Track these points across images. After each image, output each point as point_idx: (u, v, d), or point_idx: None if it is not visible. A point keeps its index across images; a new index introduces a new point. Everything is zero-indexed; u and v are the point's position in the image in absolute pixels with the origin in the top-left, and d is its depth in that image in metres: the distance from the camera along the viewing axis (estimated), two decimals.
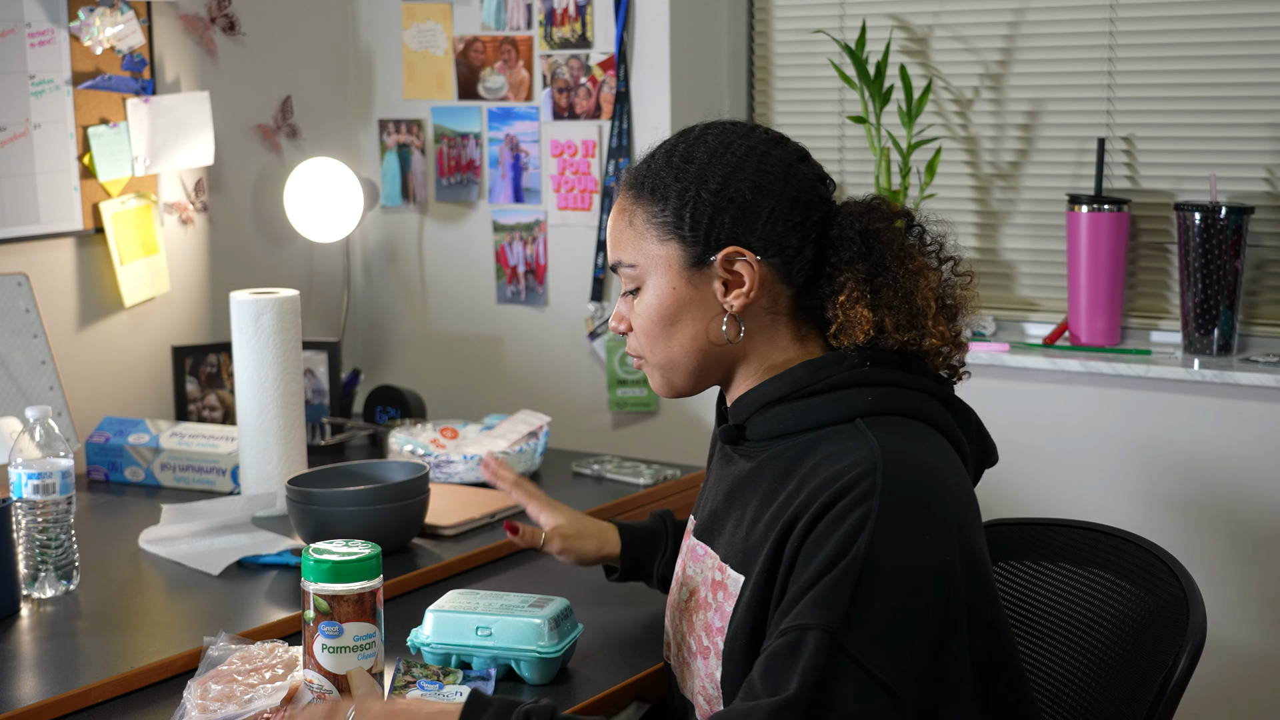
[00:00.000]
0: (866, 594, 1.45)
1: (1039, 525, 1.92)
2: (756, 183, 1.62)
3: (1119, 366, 2.74)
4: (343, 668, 1.63)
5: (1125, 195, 2.86)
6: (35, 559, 2.07)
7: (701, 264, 1.62)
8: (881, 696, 1.44)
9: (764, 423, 1.64)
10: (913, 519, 1.48)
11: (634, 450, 3.15)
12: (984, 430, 1.69)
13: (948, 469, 1.56)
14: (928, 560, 1.48)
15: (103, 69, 2.87)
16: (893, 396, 1.58)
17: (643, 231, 1.65)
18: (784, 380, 1.63)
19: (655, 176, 1.65)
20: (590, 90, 3.14)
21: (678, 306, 1.64)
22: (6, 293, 2.68)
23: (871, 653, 1.44)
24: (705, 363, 1.66)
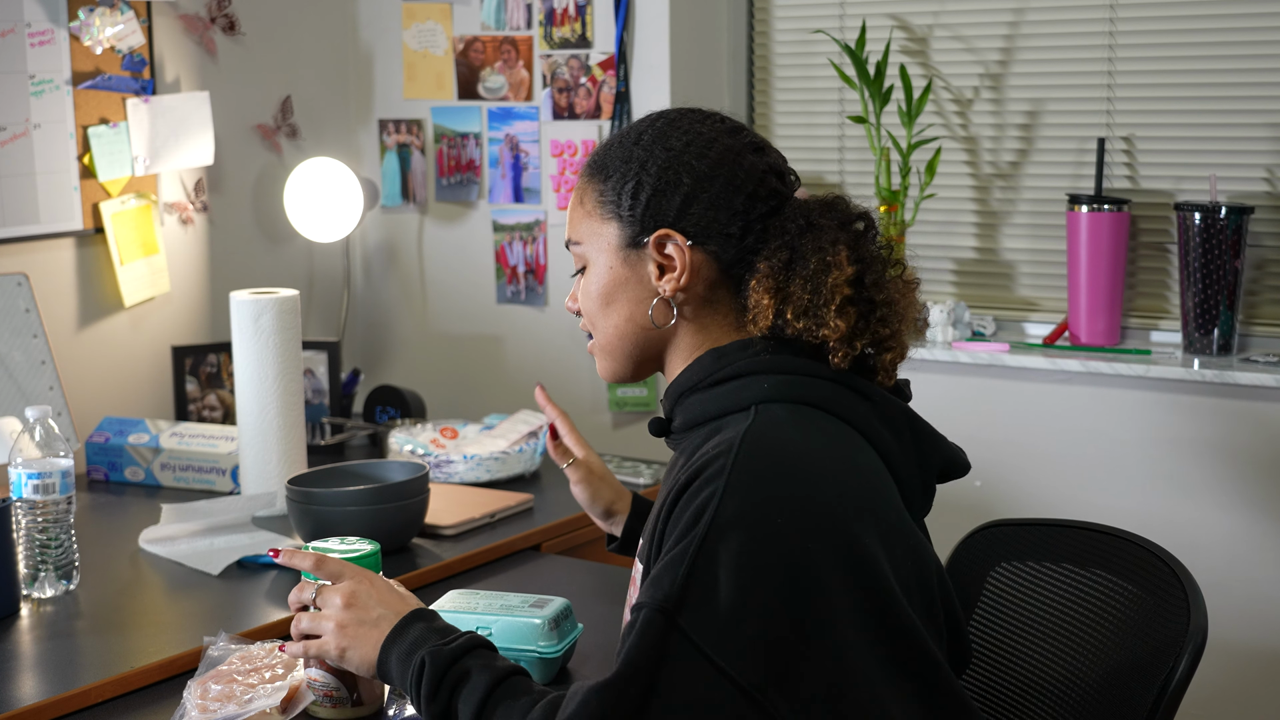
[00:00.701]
0: (704, 575, 1.40)
1: (1041, 526, 1.91)
2: (698, 169, 1.59)
3: (1119, 366, 2.74)
4: None
5: (1125, 195, 2.86)
6: (35, 559, 2.07)
7: (636, 245, 1.61)
8: (724, 687, 1.38)
9: (681, 413, 1.62)
10: (762, 501, 1.43)
11: (634, 450, 3.15)
12: (928, 434, 1.61)
13: (830, 456, 1.49)
14: (778, 546, 1.42)
15: (103, 69, 2.87)
16: (791, 384, 1.54)
17: (590, 210, 1.64)
18: (692, 369, 1.61)
19: (606, 156, 1.65)
20: (590, 90, 3.14)
21: (614, 286, 1.63)
22: (6, 293, 2.68)
23: (709, 637, 1.39)
24: (640, 346, 1.64)
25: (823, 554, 1.43)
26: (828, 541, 1.43)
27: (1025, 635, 1.85)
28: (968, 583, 1.89)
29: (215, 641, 1.80)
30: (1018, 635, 1.84)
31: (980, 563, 1.90)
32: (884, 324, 1.58)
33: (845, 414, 1.55)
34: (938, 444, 1.62)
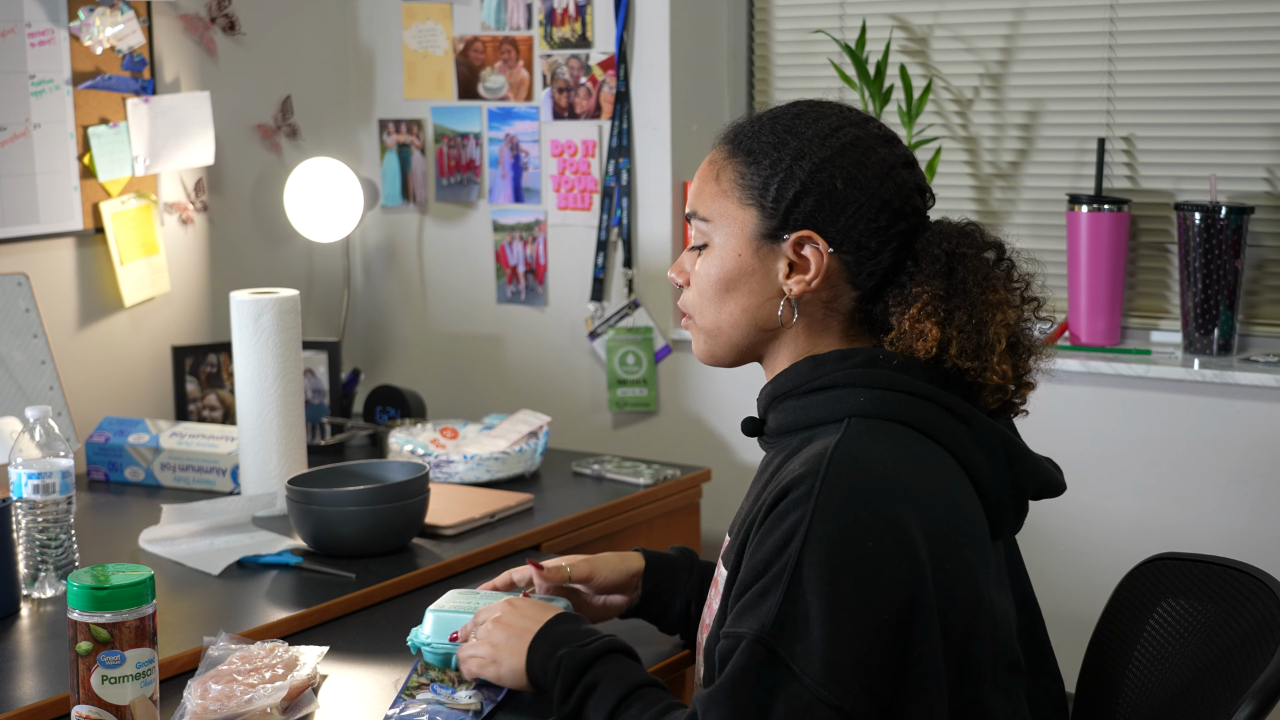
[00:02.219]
0: (797, 603, 1.41)
1: (1205, 562, 1.85)
2: (852, 175, 1.57)
3: (1119, 366, 2.74)
4: (125, 698, 1.58)
5: (1125, 195, 2.86)
6: (35, 559, 2.07)
7: (773, 238, 1.58)
8: (824, 711, 1.39)
9: (775, 417, 1.61)
10: (850, 525, 1.43)
11: (634, 450, 3.15)
12: (1023, 458, 1.60)
13: (917, 477, 1.49)
14: (868, 572, 1.42)
15: (103, 69, 2.87)
16: (888, 400, 1.53)
17: (727, 190, 1.60)
18: (789, 375, 1.60)
19: (755, 138, 1.60)
20: (590, 90, 3.14)
21: (739, 274, 1.60)
22: (6, 292, 2.68)
23: (809, 665, 1.40)
24: (749, 339, 1.62)
25: (913, 573, 1.43)
26: (921, 560, 1.44)
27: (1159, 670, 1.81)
28: (1130, 617, 1.85)
29: (215, 641, 1.80)
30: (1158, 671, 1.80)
31: (1145, 598, 1.85)
32: (1030, 364, 1.60)
33: (939, 435, 1.53)
34: (1034, 466, 1.60)
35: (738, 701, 1.41)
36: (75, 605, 1.58)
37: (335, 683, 1.89)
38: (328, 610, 2.04)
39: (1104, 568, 1.91)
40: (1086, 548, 2.79)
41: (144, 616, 1.60)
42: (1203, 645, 1.73)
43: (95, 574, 1.60)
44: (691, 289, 1.64)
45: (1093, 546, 2.78)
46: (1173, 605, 1.79)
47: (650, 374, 3.16)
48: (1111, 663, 1.84)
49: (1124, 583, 1.87)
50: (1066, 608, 2.42)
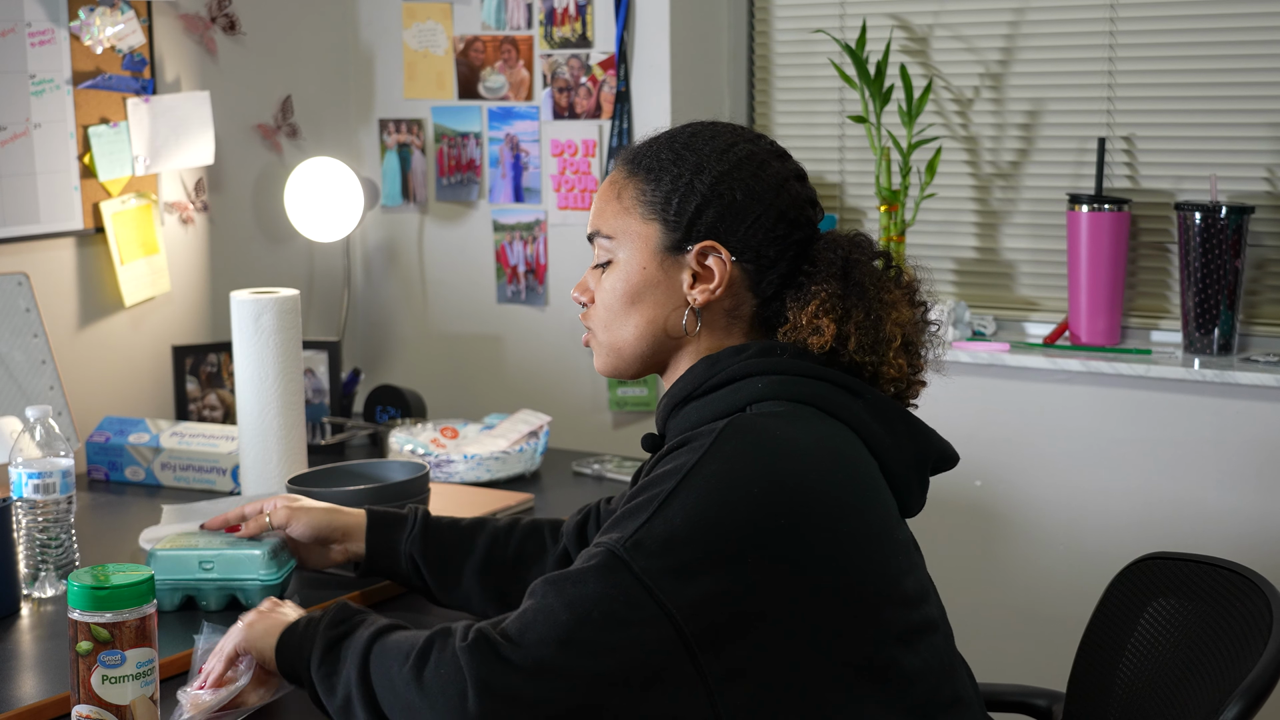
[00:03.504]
0: (664, 522, 1.44)
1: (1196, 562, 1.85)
2: (750, 187, 1.63)
3: (1119, 366, 2.74)
4: (125, 698, 1.58)
5: (1126, 195, 2.86)
6: (36, 558, 2.07)
7: (677, 250, 1.63)
8: (665, 629, 1.42)
9: (675, 424, 1.65)
10: (739, 468, 1.47)
11: (634, 450, 3.14)
12: (921, 429, 1.64)
13: (818, 449, 1.52)
14: (747, 512, 1.45)
15: (103, 68, 2.87)
16: (785, 384, 1.57)
17: (629, 207, 1.66)
18: (686, 379, 1.64)
19: (653, 157, 1.66)
20: (590, 90, 3.14)
21: (643, 287, 1.65)
22: (7, 292, 2.68)
23: (658, 579, 1.42)
24: (653, 349, 1.67)
25: (785, 530, 1.46)
26: (792, 520, 1.46)
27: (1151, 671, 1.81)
28: (1121, 617, 1.85)
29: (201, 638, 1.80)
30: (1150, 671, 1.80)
31: (1137, 598, 1.85)
32: (921, 363, 1.66)
33: (838, 411, 1.58)
34: (931, 437, 1.66)
35: (567, 589, 1.43)
36: (75, 605, 1.58)
37: None
38: None
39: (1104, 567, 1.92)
40: (1086, 547, 2.79)
41: (144, 616, 1.60)
42: (1192, 645, 1.74)
43: (95, 574, 1.60)
44: (597, 306, 1.69)
45: (1093, 546, 2.78)
46: (1163, 605, 1.80)
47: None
48: (1102, 662, 1.84)
49: (1114, 583, 1.87)
50: (1066, 607, 2.42)
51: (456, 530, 1.97)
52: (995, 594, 2.87)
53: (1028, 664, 2.37)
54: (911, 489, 1.63)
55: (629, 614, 1.42)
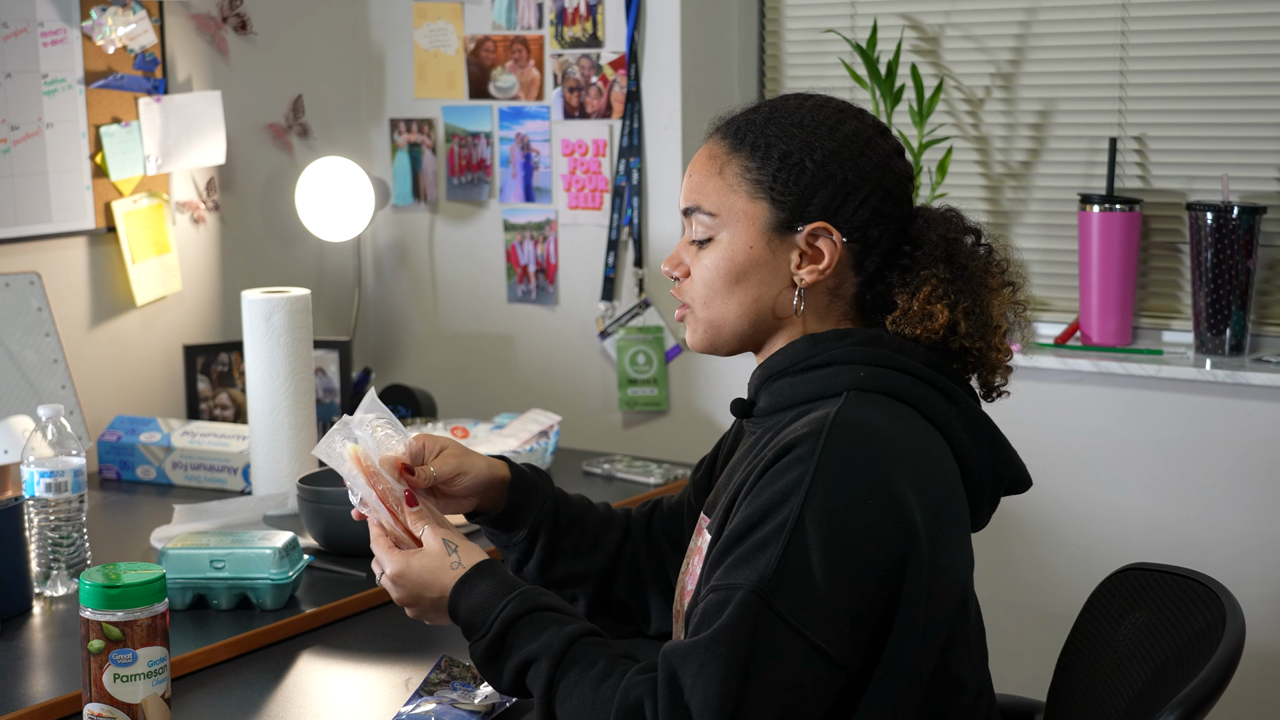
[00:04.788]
0: (798, 556, 1.42)
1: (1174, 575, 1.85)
2: (859, 166, 1.60)
3: (1130, 366, 2.74)
4: (136, 696, 1.59)
5: (1137, 195, 2.86)
6: (47, 557, 2.08)
7: (786, 230, 1.60)
8: (820, 662, 1.42)
9: (767, 396, 1.63)
10: (854, 481, 1.45)
11: (644, 449, 3.15)
12: (1005, 448, 1.64)
13: (914, 448, 1.52)
14: (868, 526, 1.45)
15: (115, 68, 2.87)
16: (885, 377, 1.56)
17: (733, 184, 1.61)
18: (785, 353, 1.62)
19: (759, 131, 1.62)
20: (601, 89, 3.14)
21: (749, 266, 1.61)
22: (19, 291, 2.69)
23: (807, 619, 1.41)
24: (754, 328, 1.64)
25: (904, 538, 1.46)
26: (909, 527, 1.47)
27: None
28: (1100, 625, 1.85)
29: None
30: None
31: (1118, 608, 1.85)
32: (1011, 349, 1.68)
33: (931, 414, 1.57)
34: (1012, 457, 1.65)
35: (728, 652, 1.40)
36: (87, 603, 1.58)
37: (346, 683, 1.89)
38: (339, 609, 2.04)
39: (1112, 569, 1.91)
40: (1097, 548, 2.79)
41: (156, 615, 1.60)
42: (1156, 657, 1.74)
43: (107, 572, 1.60)
44: (694, 281, 1.65)
45: (1103, 547, 2.78)
46: (1138, 617, 1.80)
47: (661, 373, 3.16)
48: (1077, 673, 1.84)
49: (1094, 594, 1.87)
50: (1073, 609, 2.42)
51: (582, 522, 1.86)
52: (1001, 595, 2.87)
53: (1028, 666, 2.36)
54: (983, 504, 1.63)
55: (785, 656, 1.41)
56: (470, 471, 1.75)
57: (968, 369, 1.65)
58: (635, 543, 1.87)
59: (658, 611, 1.87)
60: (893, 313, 1.61)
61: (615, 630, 1.90)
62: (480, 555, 1.63)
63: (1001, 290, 1.65)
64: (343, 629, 2.02)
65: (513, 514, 1.81)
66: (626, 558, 1.86)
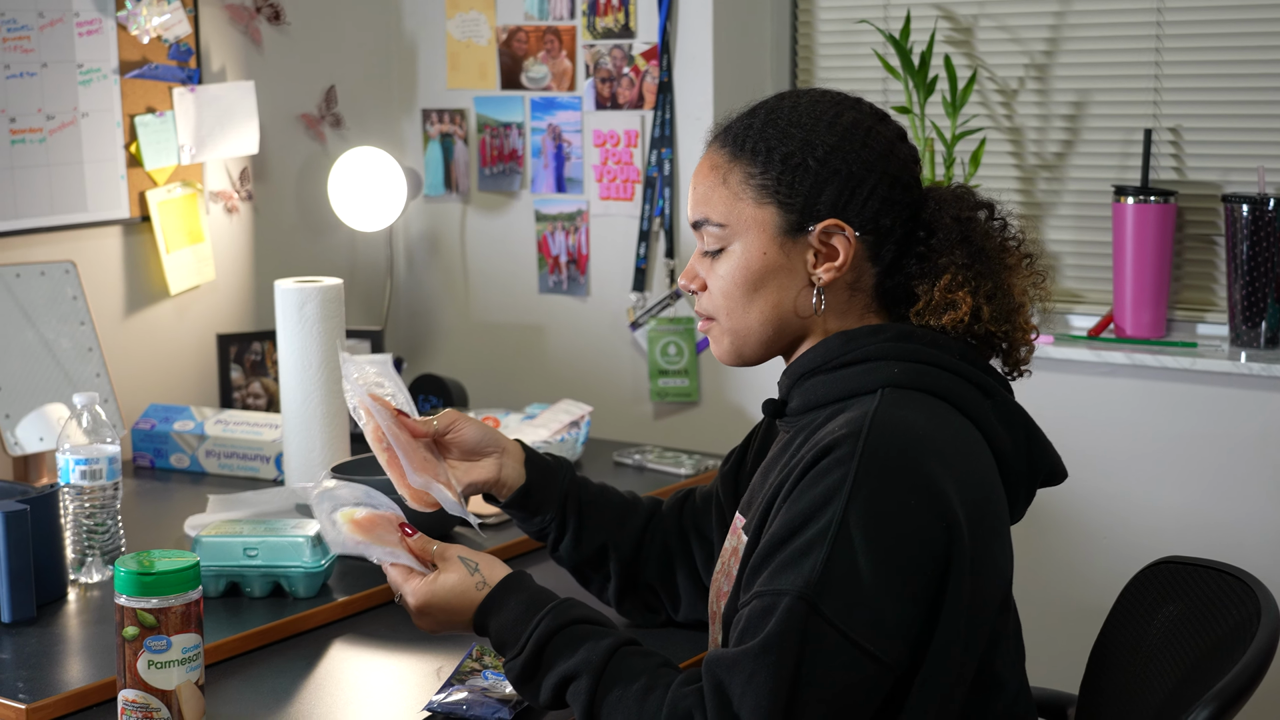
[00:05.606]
0: (843, 560, 1.42)
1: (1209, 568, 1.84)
2: (862, 157, 1.59)
3: (1164, 359, 2.72)
4: (171, 683, 1.60)
5: (1172, 187, 2.84)
6: (83, 544, 2.09)
7: (797, 232, 1.59)
8: (868, 665, 1.42)
9: (799, 395, 1.62)
10: (895, 482, 1.45)
11: (675, 440, 3.15)
12: (1041, 441, 1.64)
13: (952, 445, 1.51)
14: (914, 529, 1.44)
15: (149, 58, 2.89)
16: (920, 372, 1.55)
17: (738, 192, 1.61)
18: (817, 351, 1.61)
19: (757, 136, 1.61)
20: (633, 80, 3.14)
21: (765, 272, 1.60)
22: (55, 280, 2.70)
23: (852, 621, 1.41)
24: (779, 332, 1.63)
25: (947, 536, 1.46)
26: (951, 525, 1.46)
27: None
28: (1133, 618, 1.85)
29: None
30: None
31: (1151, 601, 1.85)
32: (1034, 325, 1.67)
33: (968, 409, 1.56)
34: (1047, 450, 1.64)
35: (777, 660, 1.40)
36: (122, 590, 1.59)
37: (378, 671, 1.90)
38: (371, 598, 2.05)
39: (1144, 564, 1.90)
40: (1130, 542, 2.78)
41: (190, 602, 1.61)
42: (1190, 651, 1.72)
43: (141, 560, 1.61)
44: (712, 293, 1.64)
45: (1137, 541, 2.77)
46: (1172, 610, 1.79)
47: (692, 364, 3.16)
48: (1110, 667, 1.83)
49: (1127, 587, 1.86)
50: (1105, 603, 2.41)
51: (606, 495, 1.88)
52: (1033, 588, 2.86)
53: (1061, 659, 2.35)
54: (1018, 498, 1.62)
55: (834, 661, 1.41)
56: (470, 422, 1.79)
57: (994, 352, 1.64)
58: (665, 527, 1.88)
59: (687, 597, 1.87)
60: (915, 304, 1.61)
61: (645, 619, 1.90)
62: (503, 570, 1.63)
63: (1020, 266, 1.63)
64: (375, 617, 2.02)
65: (536, 490, 1.82)
66: (655, 541, 1.87)
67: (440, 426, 1.79)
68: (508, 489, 1.82)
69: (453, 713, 1.67)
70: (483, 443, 1.80)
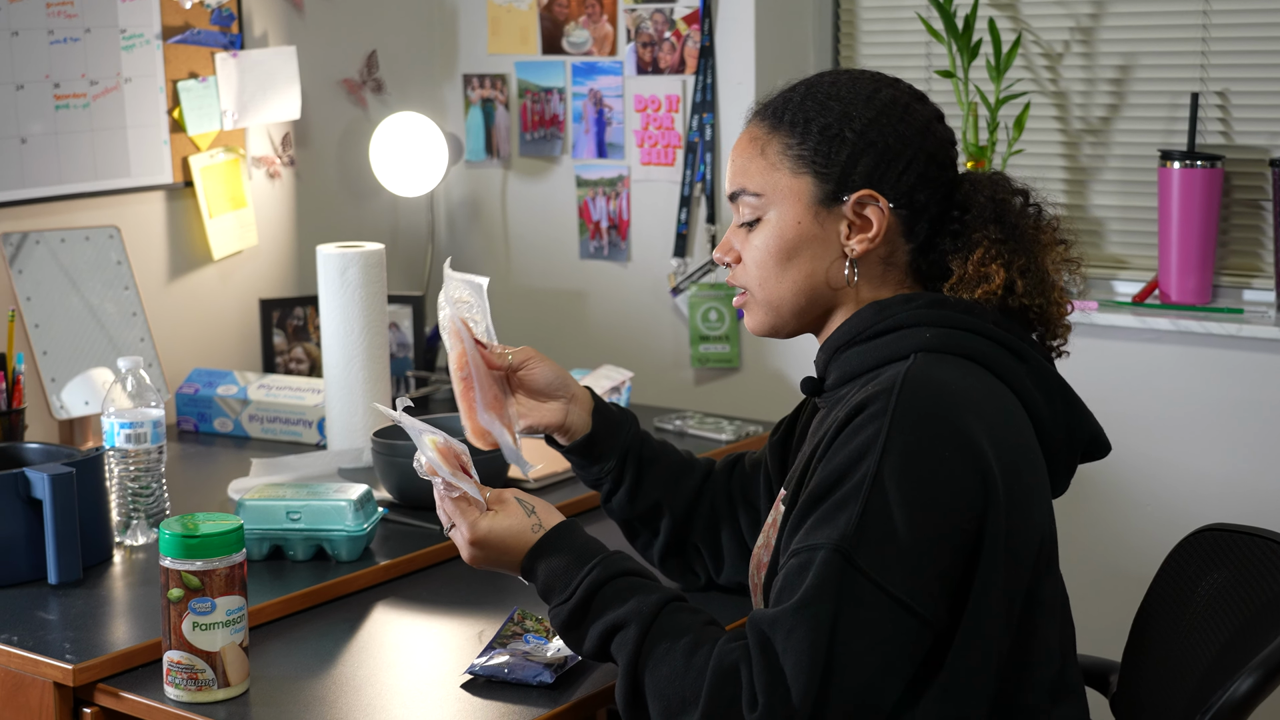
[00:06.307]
0: (878, 513, 1.43)
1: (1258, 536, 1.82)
2: (899, 132, 1.61)
3: (1210, 325, 2.70)
4: (215, 644, 1.62)
5: (1219, 151, 2.81)
6: (128, 507, 2.11)
7: (832, 202, 1.61)
8: (906, 618, 1.42)
9: (836, 369, 1.63)
10: (929, 435, 1.46)
11: (716, 406, 3.15)
12: (1079, 408, 1.64)
13: (986, 402, 1.52)
14: (948, 481, 1.45)
15: (192, 23, 2.89)
16: (953, 337, 1.56)
17: (775, 162, 1.63)
18: (852, 323, 1.62)
19: (796, 109, 1.63)
20: (674, 45, 3.13)
21: (799, 242, 1.62)
22: (99, 245, 2.72)
23: (891, 574, 1.42)
24: (811, 303, 1.64)
25: (983, 489, 1.46)
26: (988, 479, 1.47)
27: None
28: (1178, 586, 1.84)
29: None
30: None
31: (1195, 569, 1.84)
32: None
33: (1003, 372, 1.57)
34: (1087, 417, 1.65)
35: (815, 615, 1.41)
36: (167, 553, 1.61)
37: (420, 634, 1.91)
38: (413, 561, 2.06)
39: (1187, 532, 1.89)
40: (1174, 509, 2.76)
41: (234, 565, 1.62)
42: (1236, 619, 1.72)
43: (185, 523, 1.63)
44: (747, 265, 1.66)
45: (1181, 508, 2.75)
46: (1217, 578, 1.78)
47: (733, 330, 3.15)
48: (1154, 635, 1.82)
49: (1171, 555, 1.85)
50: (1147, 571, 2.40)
51: (667, 454, 1.89)
52: (1076, 556, 2.85)
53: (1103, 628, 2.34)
54: (1059, 468, 1.63)
55: (871, 614, 1.42)
56: (544, 362, 1.82)
57: (1030, 328, 1.65)
58: (715, 489, 1.90)
59: (730, 559, 1.88)
60: (949, 279, 1.62)
61: (685, 581, 1.91)
62: (558, 516, 1.65)
63: (1055, 247, 1.64)
64: (416, 581, 2.04)
65: (600, 440, 1.85)
66: (705, 502, 1.89)
67: (515, 361, 1.82)
68: (571, 435, 1.85)
69: (494, 676, 1.68)
70: (553, 385, 1.83)
